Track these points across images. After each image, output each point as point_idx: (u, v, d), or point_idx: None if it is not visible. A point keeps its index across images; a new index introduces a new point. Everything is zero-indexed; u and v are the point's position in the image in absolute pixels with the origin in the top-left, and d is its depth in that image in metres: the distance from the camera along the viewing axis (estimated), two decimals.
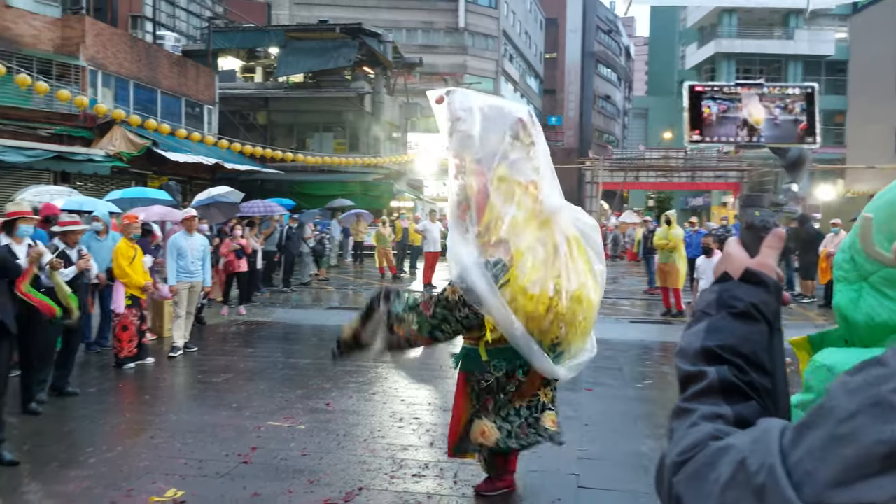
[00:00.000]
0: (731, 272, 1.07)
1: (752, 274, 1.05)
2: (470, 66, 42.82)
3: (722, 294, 1.04)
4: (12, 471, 4.92)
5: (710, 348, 0.97)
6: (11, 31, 17.87)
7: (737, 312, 1.00)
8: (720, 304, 1.02)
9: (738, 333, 0.98)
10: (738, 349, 0.96)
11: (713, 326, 1.00)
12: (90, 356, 8.70)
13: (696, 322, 1.04)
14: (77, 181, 17.59)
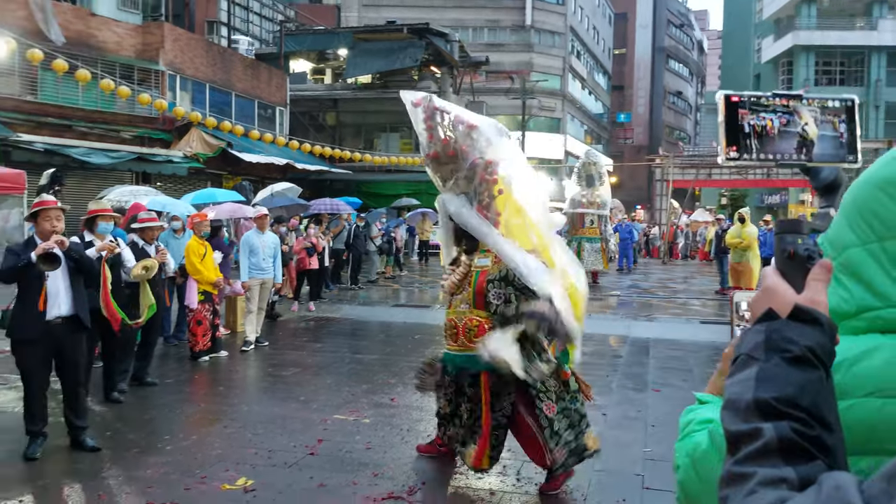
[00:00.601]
0: (776, 309, 0.93)
1: (804, 311, 0.91)
2: (536, 64, 42.55)
3: (771, 335, 0.90)
4: (95, 456, 5.19)
5: (766, 401, 0.84)
6: (96, 39, 18.76)
7: (792, 357, 0.87)
8: (770, 348, 0.89)
9: (795, 382, 0.85)
10: (797, 401, 0.83)
11: (765, 374, 0.87)
12: (168, 349, 9.08)
13: (741, 368, 0.91)
14: (157, 182, 18.33)
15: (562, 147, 43.95)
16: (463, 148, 4.71)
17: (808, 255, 0.98)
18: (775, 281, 0.99)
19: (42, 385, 5.19)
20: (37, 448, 5.05)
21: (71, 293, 5.20)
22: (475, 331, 4.63)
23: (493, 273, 4.65)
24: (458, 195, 4.81)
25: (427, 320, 11.55)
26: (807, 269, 0.97)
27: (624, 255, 21.97)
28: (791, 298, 0.95)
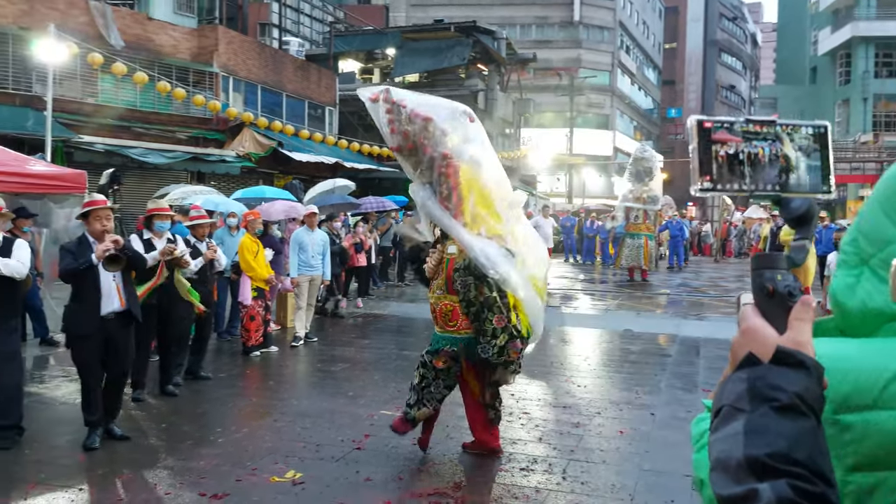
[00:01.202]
0: (758, 353, 0.86)
1: (788, 355, 0.83)
2: (584, 60, 42.12)
3: (755, 383, 0.83)
4: (152, 446, 5.38)
5: (757, 458, 0.77)
6: (153, 42, 19.31)
7: (780, 406, 0.80)
8: (756, 397, 0.82)
9: (787, 434, 0.78)
10: (793, 455, 0.76)
11: (754, 427, 0.79)
12: (222, 344, 9.32)
13: (725, 421, 0.83)
14: (211, 181, 18.77)
15: (610, 144, 43.43)
16: (420, 141, 4.84)
17: (790, 292, 0.91)
18: (755, 322, 0.90)
19: (98, 377, 5.39)
20: (95, 438, 5.25)
21: (123, 289, 5.40)
22: (450, 315, 5.00)
23: (459, 262, 4.94)
24: (424, 186, 4.94)
25: None
26: (788, 308, 0.90)
27: (674, 252, 21.61)
28: (773, 340, 0.86)
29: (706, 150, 0.97)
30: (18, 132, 14.69)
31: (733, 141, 0.98)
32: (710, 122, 0.98)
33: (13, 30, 16.12)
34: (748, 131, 0.99)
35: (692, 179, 0.98)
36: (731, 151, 0.98)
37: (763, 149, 0.98)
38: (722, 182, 0.97)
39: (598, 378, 7.72)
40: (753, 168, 0.98)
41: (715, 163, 0.97)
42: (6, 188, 7.13)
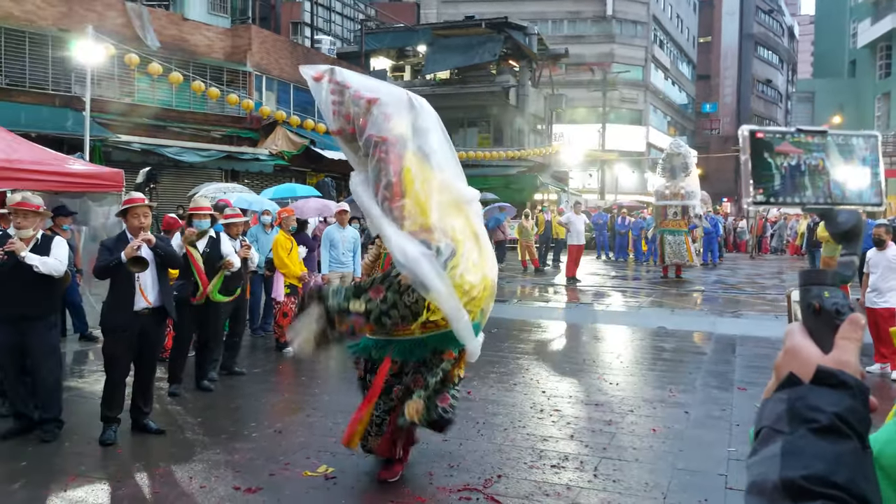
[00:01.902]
0: (798, 373, 0.83)
1: (828, 374, 0.81)
2: (617, 55, 41.72)
3: (794, 404, 0.81)
4: (188, 440, 5.46)
5: (793, 481, 0.74)
6: (188, 42, 19.61)
7: (819, 428, 0.77)
8: (794, 418, 0.79)
9: (826, 457, 0.75)
10: (831, 478, 0.73)
11: (791, 449, 0.77)
12: (256, 340, 9.43)
13: (763, 444, 0.81)
14: (245, 179, 19.03)
15: (644, 139, 42.97)
16: (361, 124, 4.42)
17: (837, 310, 0.87)
18: (798, 340, 0.88)
19: (124, 373, 5.49)
20: (112, 434, 5.32)
21: (157, 286, 5.50)
22: None
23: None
24: (360, 173, 4.54)
25: (505, 315, 11.55)
26: (836, 326, 0.86)
27: (708, 249, 21.31)
28: (814, 360, 0.84)
29: (759, 162, 0.95)
30: (58, 132, 15.05)
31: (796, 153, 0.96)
32: (762, 133, 0.96)
33: (53, 32, 16.50)
34: (799, 142, 0.96)
35: (744, 191, 0.96)
36: (794, 163, 0.95)
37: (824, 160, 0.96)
38: (776, 195, 0.95)
39: (630, 376, 7.64)
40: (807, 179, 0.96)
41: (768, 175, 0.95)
42: (46, 187, 7.31)
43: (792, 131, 0.97)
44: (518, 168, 27.61)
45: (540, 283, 16.95)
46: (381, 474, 4.70)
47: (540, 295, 15.23)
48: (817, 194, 0.95)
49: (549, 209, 21.62)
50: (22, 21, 16.19)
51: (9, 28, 16.03)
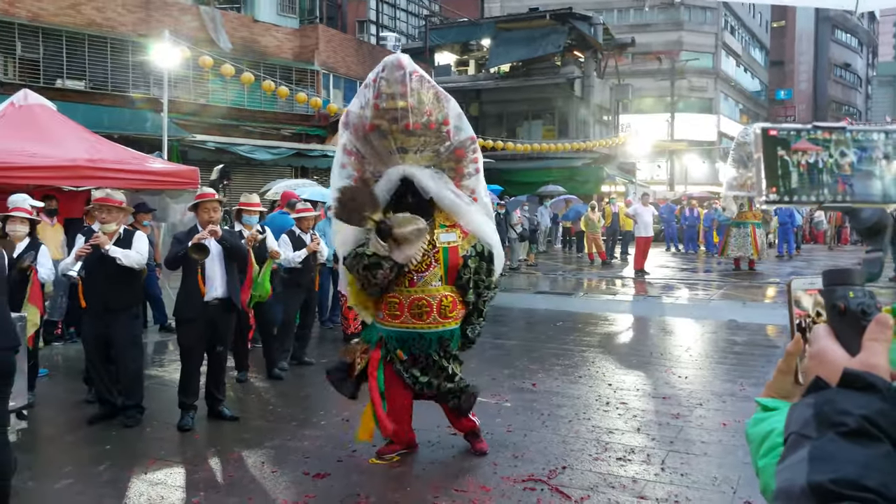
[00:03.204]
0: (825, 377, 0.82)
1: (855, 377, 0.79)
2: (686, 42, 40.65)
3: (822, 408, 0.79)
4: (260, 427, 5.67)
5: (822, 484, 0.72)
6: (259, 43, 20.15)
7: (848, 431, 0.75)
8: (822, 422, 0.77)
9: (856, 460, 0.73)
10: (862, 482, 0.71)
11: (819, 454, 0.75)
12: (325, 331, 9.66)
13: (792, 450, 0.79)
14: (314, 175, 19.44)
15: (714, 128, 41.76)
16: (444, 121, 4.63)
17: (863, 311, 0.85)
18: (824, 343, 0.86)
19: (198, 362, 5.72)
20: (189, 420, 5.56)
21: (225, 277, 5.71)
22: (450, 307, 4.70)
23: (467, 248, 4.74)
24: (425, 167, 4.68)
25: (569, 308, 11.49)
26: (862, 327, 0.84)
27: (784, 240, 20.57)
28: (841, 363, 0.82)
29: (772, 160, 0.94)
30: (138, 133, 15.72)
31: (814, 150, 0.94)
32: (776, 131, 0.95)
33: (132, 37, 17.23)
34: (816, 139, 0.94)
35: (758, 190, 0.95)
36: (812, 160, 0.94)
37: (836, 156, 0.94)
38: (790, 193, 0.93)
39: (699, 369, 7.49)
40: (825, 177, 0.94)
41: (782, 173, 0.93)
42: (128, 184, 7.67)
43: (808, 128, 0.95)
44: (583, 160, 27.28)
45: (607, 275, 16.73)
46: (477, 446, 4.95)
47: (607, 288, 15.04)
48: (836, 192, 0.93)
49: (617, 201, 21.27)
50: (104, 28, 16.96)
51: (92, 34, 16.82)
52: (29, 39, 15.89)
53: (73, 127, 8.18)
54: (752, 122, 45.08)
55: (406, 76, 4.54)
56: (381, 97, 4.55)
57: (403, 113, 4.50)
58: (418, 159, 4.68)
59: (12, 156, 6.84)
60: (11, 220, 5.99)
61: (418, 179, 4.63)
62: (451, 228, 4.75)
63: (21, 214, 6.05)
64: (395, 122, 4.53)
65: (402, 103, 4.50)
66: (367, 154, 4.74)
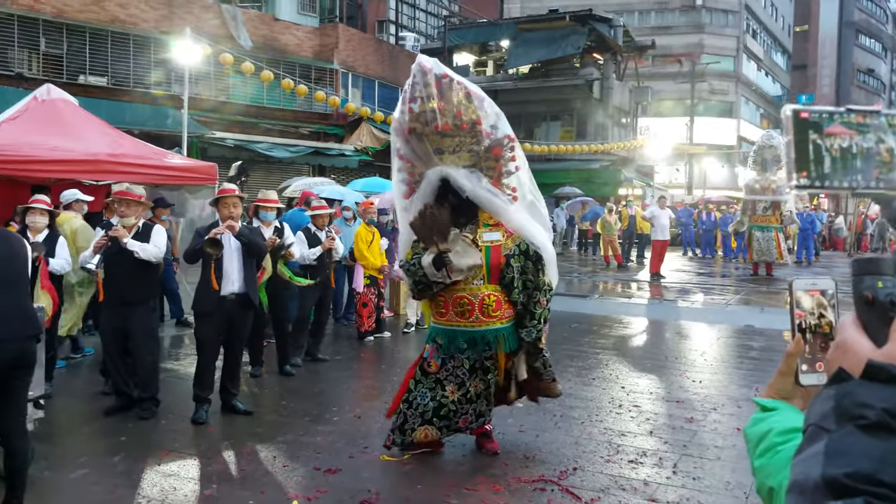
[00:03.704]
0: (848, 368, 0.80)
1: (879, 369, 0.76)
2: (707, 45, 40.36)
3: (841, 400, 0.76)
4: (273, 421, 5.70)
5: (836, 478, 0.70)
6: (279, 42, 20.27)
7: (867, 424, 0.72)
8: (841, 415, 0.75)
9: (873, 455, 0.70)
10: (878, 477, 0.69)
11: (836, 447, 0.73)
12: (339, 328, 9.70)
13: (809, 442, 0.77)
14: (331, 174, 19.52)
15: (734, 132, 41.42)
16: (477, 121, 4.65)
17: (892, 301, 0.82)
18: (851, 334, 0.83)
19: (213, 355, 5.77)
20: (203, 413, 5.60)
21: (242, 273, 5.74)
22: (493, 306, 4.72)
23: (510, 248, 4.74)
24: (462, 168, 4.73)
25: (584, 310, 11.44)
26: (890, 318, 0.81)
27: (803, 246, 20.36)
28: (865, 354, 0.79)
29: (803, 144, 0.90)
30: (159, 129, 15.86)
31: (847, 134, 0.90)
32: (807, 113, 0.92)
33: (154, 34, 17.39)
34: (850, 122, 0.91)
35: (787, 175, 0.92)
36: (845, 145, 0.90)
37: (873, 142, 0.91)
38: (822, 178, 0.90)
39: (714, 374, 7.44)
40: (858, 163, 0.90)
41: (814, 157, 0.90)
42: (147, 179, 7.74)
43: (842, 111, 0.92)
44: (601, 162, 27.17)
45: (623, 278, 16.66)
46: (488, 446, 4.98)
47: (622, 291, 14.97)
48: (869, 178, 0.90)
49: (634, 204, 21.17)
50: (127, 24, 17.14)
51: (115, 31, 17.01)
52: (53, 35, 16.09)
53: (95, 122, 8.27)
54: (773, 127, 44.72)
55: (433, 79, 4.62)
56: (414, 101, 4.67)
57: (433, 115, 4.58)
58: (456, 160, 4.75)
59: (34, 149, 6.93)
60: (31, 211, 6.07)
61: (454, 179, 4.70)
62: (495, 227, 4.80)
63: (41, 206, 6.13)
64: (426, 124, 4.62)
65: (432, 104, 4.58)
66: (411, 157, 4.87)
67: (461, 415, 4.84)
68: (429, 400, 4.83)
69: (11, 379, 3.69)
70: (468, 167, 4.75)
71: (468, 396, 4.83)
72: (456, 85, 4.68)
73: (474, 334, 4.75)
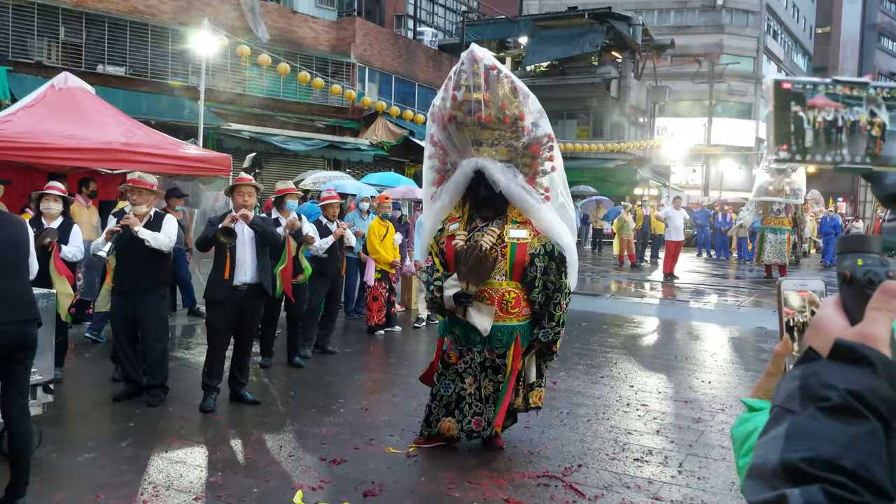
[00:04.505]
0: (818, 347, 0.76)
1: (846, 349, 0.73)
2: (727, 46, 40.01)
3: (807, 380, 0.73)
4: (280, 412, 5.73)
5: (794, 463, 0.68)
6: (296, 35, 20.31)
7: (830, 407, 0.70)
8: (805, 396, 0.72)
9: (834, 438, 0.68)
10: (837, 461, 0.67)
11: (796, 430, 0.70)
12: (349, 321, 9.73)
13: (772, 425, 0.74)
14: (346, 168, 19.57)
15: (753, 134, 41.08)
16: (520, 116, 4.66)
17: (869, 279, 0.78)
18: (825, 312, 0.80)
19: (224, 344, 5.80)
20: (211, 402, 5.64)
21: (256, 262, 5.76)
22: (512, 302, 4.71)
23: (536, 247, 4.72)
24: (498, 162, 4.73)
25: (594, 308, 11.40)
26: (868, 297, 0.78)
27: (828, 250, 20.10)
28: (835, 333, 0.76)
29: (784, 116, 0.87)
30: (176, 120, 15.96)
31: (831, 106, 0.87)
32: (789, 84, 0.88)
33: (172, 25, 17.48)
34: (835, 94, 0.87)
35: (768, 148, 0.89)
36: (830, 118, 0.87)
37: (858, 115, 0.87)
38: (803, 152, 0.87)
39: (724, 375, 7.39)
40: (843, 137, 0.87)
41: (794, 130, 0.87)
42: (162, 169, 7.79)
43: (828, 82, 0.88)
44: (617, 162, 27.03)
45: (635, 278, 16.58)
46: (498, 442, 4.97)
47: (635, 290, 14.90)
48: (855, 153, 0.87)
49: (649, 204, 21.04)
50: (146, 15, 17.25)
51: (133, 21, 17.12)
52: (72, 24, 16.22)
53: (111, 111, 8.33)
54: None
55: (482, 69, 4.64)
56: (459, 89, 4.67)
57: (477, 105, 4.60)
58: (493, 153, 4.76)
59: (51, 137, 6.99)
60: (45, 198, 6.13)
61: (489, 172, 4.70)
62: (523, 225, 4.79)
63: (55, 193, 6.18)
64: (469, 113, 4.64)
65: (477, 95, 4.60)
66: (447, 145, 4.88)
67: (475, 414, 4.83)
68: (451, 392, 4.87)
69: (13, 361, 3.72)
70: (504, 162, 4.76)
71: (481, 395, 4.83)
72: (504, 78, 4.70)
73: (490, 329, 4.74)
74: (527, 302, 4.77)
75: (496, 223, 4.79)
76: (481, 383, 4.84)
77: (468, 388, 4.84)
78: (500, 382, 4.83)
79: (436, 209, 5.01)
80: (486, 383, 4.84)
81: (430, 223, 5.03)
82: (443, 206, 4.98)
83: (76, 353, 7.23)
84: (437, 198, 4.99)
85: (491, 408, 4.84)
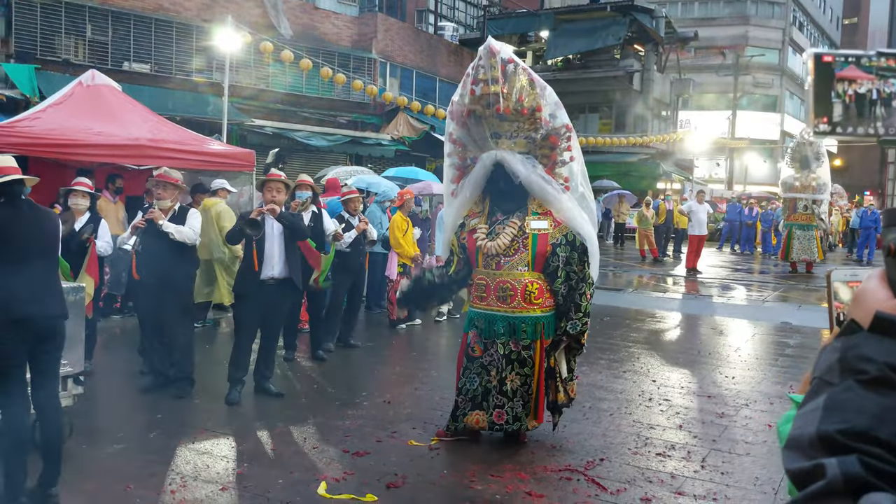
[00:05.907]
0: (859, 319, 0.75)
1: (887, 322, 0.72)
2: (752, 37, 39.46)
3: (846, 353, 0.73)
4: (304, 404, 5.79)
5: (829, 434, 0.69)
6: (318, 30, 20.40)
7: (868, 380, 0.70)
8: (844, 368, 0.73)
9: (870, 411, 0.68)
10: (873, 433, 0.67)
11: (834, 402, 0.71)
12: (371, 315, 9.78)
13: (812, 396, 0.75)
14: (367, 163, 19.62)
15: (778, 127, 40.51)
16: (538, 108, 4.68)
17: None
18: (869, 285, 0.79)
19: (250, 338, 5.86)
20: (236, 394, 5.71)
21: (284, 257, 5.81)
22: (535, 293, 4.73)
23: (557, 237, 4.73)
24: (517, 154, 4.76)
25: (617, 303, 11.35)
26: None
27: (865, 245, 19.60)
28: (876, 305, 0.75)
29: (825, 89, 0.87)
30: (201, 116, 16.10)
31: (865, 78, 0.87)
32: (830, 56, 0.88)
33: (196, 22, 17.64)
34: (880, 67, 0.87)
35: (808, 121, 0.89)
36: (862, 90, 0.87)
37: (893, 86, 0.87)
38: (844, 124, 0.87)
39: (748, 370, 7.33)
40: (884, 109, 0.86)
41: (836, 102, 0.87)
42: (186, 165, 7.89)
43: (871, 54, 0.88)
44: (639, 155, 26.83)
45: (658, 273, 16.47)
46: (521, 435, 4.99)
47: (657, 285, 14.81)
48: (892, 126, 0.87)
49: (672, 198, 20.87)
50: (171, 12, 17.42)
51: (159, 19, 17.30)
52: (98, 22, 16.43)
53: (137, 107, 8.45)
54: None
55: (499, 62, 4.68)
56: (477, 83, 4.73)
57: (495, 97, 4.64)
58: (512, 145, 4.80)
59: (79, 133, 7.11)
60: (73, 194, 6.23)
61: (509, 163, 4.74)
62: (544, 216, 4.82)
63: (83, 189, 6.29)
64: (488, 106, 4.70)
65: (495, 88, 4.64)
66: (466, 141, 4.94)
67: (496, 406, 4.84)
68: (477, 385, 4.88)
69: (41, 353, 3.79)
70: (523, 154, 4.80)
71: (504, 389, 4.82)
72: (521, 70, 4.74)
73: (514, 320, 4.77)
74: (550, 293, 4.79)
75: (517, 215, 4.81)
76: (507, 376, 4.84)
77: (493, 381, 4.85)
78: (527, 376, 4.82)
79: (457, 204, 5.06)
80: (513, 377, 4.82)
81: (452, 219, 5.09)
82: (464, 201, 5.02)
83: (105, 347, 7.35)
84: (457, 193, 5.04)
85: (519, 402, 4.82)
